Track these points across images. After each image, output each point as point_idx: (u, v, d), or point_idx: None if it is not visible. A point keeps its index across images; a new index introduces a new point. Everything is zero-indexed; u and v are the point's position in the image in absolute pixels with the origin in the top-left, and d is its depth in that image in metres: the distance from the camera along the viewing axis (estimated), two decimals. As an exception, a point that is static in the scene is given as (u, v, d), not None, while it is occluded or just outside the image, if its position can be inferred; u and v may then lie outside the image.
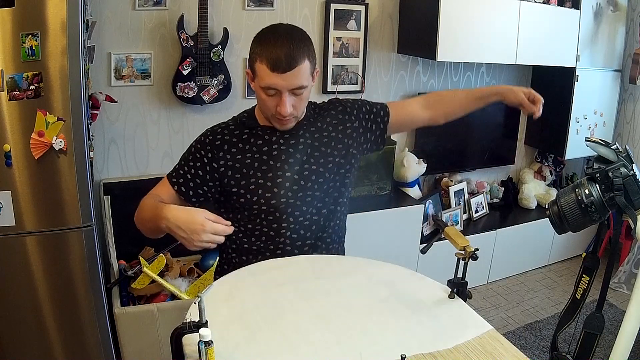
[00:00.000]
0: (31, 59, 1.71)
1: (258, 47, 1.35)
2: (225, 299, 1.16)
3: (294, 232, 1.47)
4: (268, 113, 1.43)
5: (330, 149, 1.51)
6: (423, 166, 3.15)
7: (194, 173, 1.47)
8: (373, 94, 3.13)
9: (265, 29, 1.40)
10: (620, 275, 3.31)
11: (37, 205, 1.84)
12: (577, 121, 3.38)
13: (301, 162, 1.47)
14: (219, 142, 1.47)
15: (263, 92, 1.38)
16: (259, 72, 1.35)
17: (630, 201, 1.38)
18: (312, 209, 1.48)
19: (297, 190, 1.45)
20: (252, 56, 1.37)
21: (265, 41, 1.35)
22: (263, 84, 1.35)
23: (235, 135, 1.48)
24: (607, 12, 3.35)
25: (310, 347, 1.03)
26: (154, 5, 2.48)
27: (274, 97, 1.37)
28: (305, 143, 1.48)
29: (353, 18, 2.91)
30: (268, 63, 1.32)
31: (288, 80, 1.34)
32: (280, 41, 1.33)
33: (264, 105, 1.42)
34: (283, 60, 1.31)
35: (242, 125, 1.51)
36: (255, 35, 1.39)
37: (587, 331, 1.65)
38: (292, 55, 1.32)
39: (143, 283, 2.25)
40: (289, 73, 1.33)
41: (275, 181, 1.44)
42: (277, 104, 1.38)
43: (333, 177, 1.51)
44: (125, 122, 2.59)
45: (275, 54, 1.31)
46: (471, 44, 2.87)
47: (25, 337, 1.95)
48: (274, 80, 1.33)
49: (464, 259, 1.23)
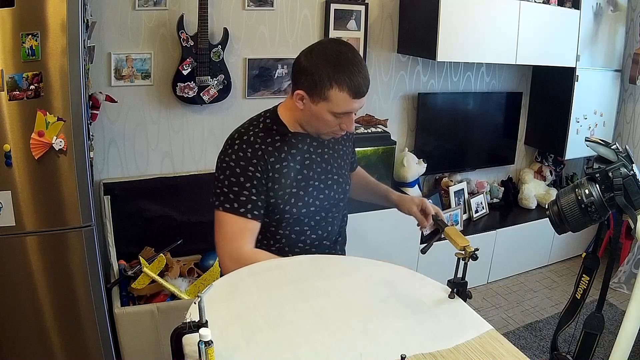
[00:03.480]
0: (31, 59, 1.71)
1: (333, 74, 1.30)
2: (225, 299, 1.16)
3: (317, 237, 1.51)
4: (325, 130, 1.41)
5: (343, 161, 1.59)
6: (423, 166, 3.16)
7: (255, 192, 1.39)
8: (373, 94, 3.13)
9: (329, 51, 1.34)
10: (620, 275, 3.31)
11: (37, 205, 1.84)
12: (577, 121, 3.38)
13: (326, 171, 1.52)
14: (260, 152, 1.40)
15: (332, 115, 1.35)
16: (335, 99, 1.32)
17: (630, 201, 1.38)
18: (332, 215, 1.54)
19: (322, 199, 1.49)
20: (322, 82, 1.31)
21: (341, 69, 1.30)
22: (339, 109, 1.34)
23: (268, 143, 1.42)
24: (607, 12, 3.34)
25: (310, 347, 1.02)
26: (154, 5, 2.48)
27: (340, 118, 1.37)
28: (328, 153, 1.54)
29: (353, 18, 2.91)
30: (350, 91, 1.31)
31: (362, 103, 1.37)
32: (357, 67, 1.32)
33: (325, 126, 1.39)
34: (363, 87, 1.33)
35: (271, 130, 1.44)
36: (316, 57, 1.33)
37: (587, 331, 1.65)
38: (367, 79, 1.35)
39: (143, 283, 2.25)
40: (364, 97, 1.36)
41: (307, 190, 1.46)
42: (341, 123, 1.39)
43: (345, 186, 1.58)
44: (125, 122, 2.59)
45: (357, 82, 1.31)
46: (471, 44, 2.87)
47: (25, 337, 1.95)
48: (352, 106, 1.35)
49: (464, 259, 1.23)
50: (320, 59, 1.32)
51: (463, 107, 3.41)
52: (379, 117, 3.09)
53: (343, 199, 1.58)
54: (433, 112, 3.31)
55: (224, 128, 2.64)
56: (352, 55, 1.34)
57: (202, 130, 2.73)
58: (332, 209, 1.54)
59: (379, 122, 3.05)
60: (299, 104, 1.38)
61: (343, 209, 1.61)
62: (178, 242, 2.51)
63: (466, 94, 3.43)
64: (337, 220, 1.58)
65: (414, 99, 3.26)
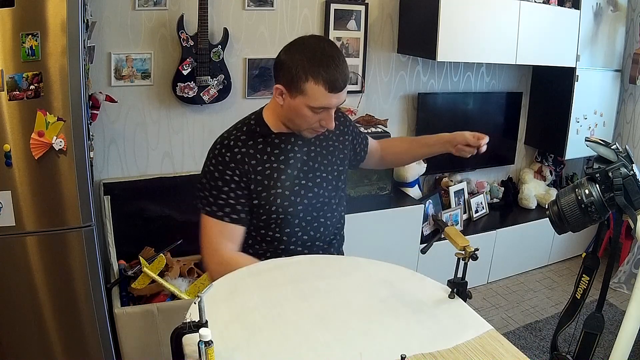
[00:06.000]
0: (31, 59, 1.71)
1: (309, 67, 1.30)
2: (225, 299, 1.16)
3: (309, 238, 1.50)
4: (305, 127, 1.40)
5: (334, 158, 1.55)
6: (423, 166, 3.16)
7: (234, 196, 1.41)
8: (373, 94, 3.13)
9: (307, 45, 1.34)
10: (620, 275, 3.31)
11: (37, 205, 1.84)
12: (577, 121, 3.38)
13: (313, 169, 1.50)
14: (239, 155, 1.41)
15: (309, 110, 1.35)
16: (311, 92, 1.31)
17: (630, 201, 1.38)
18: (324, 215, 1.53)
19: (311, 197, 1.48)
20: (298, 75, 1.31)
21: (317, 62, 1.30)
22: (316, 104, 1.33)
23: (250, 146, 1.43)
24: (607, 12, 3.34)
25: (310, 347, 1.02)
26: (154, 5, 2.48)
27: (319, 114, 1.36)
28: (315, 151, 1.52)
29: (353, 18, 2.91)
30: (326, 84, 1.30)
31: (340, 98, 1.36)
32: (334, 62, 1.31)
33: (304, 121, 1.38)
34: (340, 82, 1.32)
35: (254, 133, 1.45)
36: (295, 51, 1.33)
37: (587, 331, 1.65)
38: (345, 74, 1.33)
39: (143, 283, 2.25)
40: (342, 92, 1.35)
41: (292, 189, 1.45)
42: (321, 119, 1.38)
43: (337, 184, 1.56)
44: (125, 122, 2.59)
45: (333, 75, 1.30)
46: (471, 44, 2.87)
47: (25, 337, 1.95)
48: (329, 101, 1.33)
49: (464, 259, 1.23)
50: (298, 53, 1.33)
51: (463, 107, 3.41)
52: (379, 117, 3.09)
53: (335, 197, 1.55)
54: (433, 112, 3.31)
55: (224, 128, 2.59)
56: (330, 49, 1.34)
57: (202, 131, 2.73)
58: (324, 207, 1.52)
59: (379, 122, 3.05)
60: (279, 100, 1.38)
61: (337, 208, 1.58)
62: (178, 242, 2.50)
63: (466, 94, 3.43)
64: (330, 221, 1.55)
65: (414, 99, 3.26)
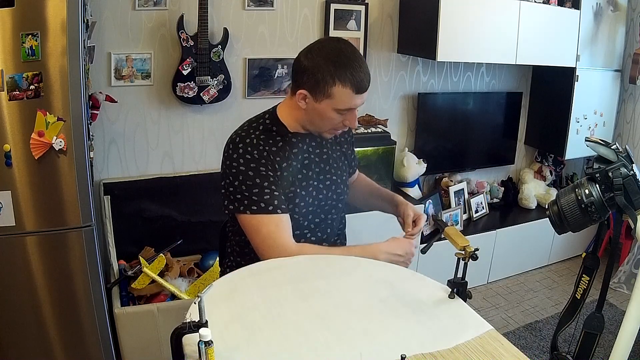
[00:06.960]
0: (31, 59, 1.71)
1: (335, 70, 1.32)
2: (225, 299, 1.16)
3: (317, 240, 1.51)
4: (328, 128, 1.43)
5: (341, 162, 1.59)
6: (423, 166, 3.16)
7: (275, 188, 1.39)
8: (373, 94, 3.13)
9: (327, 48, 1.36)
10: (620, 275, 3.31)
11: (37, 205, 1.84)
12: (577, 121, 3.38)
13: (325, 171, 1.52)
14: (265, 152, 1.41)
15: (335, 112, 1.37)
16: (338, 95, 1.33)
17: (630, 201, 1.38)
18: (332, 216, 1.55)
19: (321, 199, 1.50)
20: (324, 79, 1.33)
21: (342, 65, 1.32)
22: (343, 106, 1.35)
23: (271, 144, 1.43)
24: (607, 12, 3.34)
25: (310, 347, 1.02)
26: (154, 5, 2.48)
27: (344, 114, 1.39)
28: (327, 153, 1.54)
29: (353, 18, 2.91)
30: (353, 87, 1.33)
31: (364, 98, 1.39)
32: (357, 62, 1.34)
33: (328, 123, 1.40)
34: (365, 82, 1.35)
35: (271, 132, 1.45)
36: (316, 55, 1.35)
37: (587, 331, 1.65)
38: (368, 73, 1.37)
39: (143, 283, 2.25)
40: (366, 92, 1.38)
41: (307, 190, 1.47)
42: (344, 120, 1.40)
43: (344, 188, 1.59)
44: (125, 122, 2.59)
45: (359, 76, 1.33)
46: (471, 44, 2.87)
47: (25, 337, 1.95)
48: (355, 101, 1.36)
49: (464, 259, 1.23)
50: (321, 58, 1.34)
51: (463, 107, 3.41)
52: (379, 117, 3.09)
53: (342, 200, 1.59)
54: (433, 112, 3.31)
55: (224, 128, 2.64)
56: (351, 51, 1.36)
57: (202, 130, 2.73)
58: (332, 210, 1.55)
59: (379, 122, 3.05)
60: (302, 104, 1.38)
61: (341, 210, 1.62)
62: (178, 242, 2.51)
63: (466, 94, 3.43)
64: (335, 222, 1.58)
65: (414, 99, 3.26)
